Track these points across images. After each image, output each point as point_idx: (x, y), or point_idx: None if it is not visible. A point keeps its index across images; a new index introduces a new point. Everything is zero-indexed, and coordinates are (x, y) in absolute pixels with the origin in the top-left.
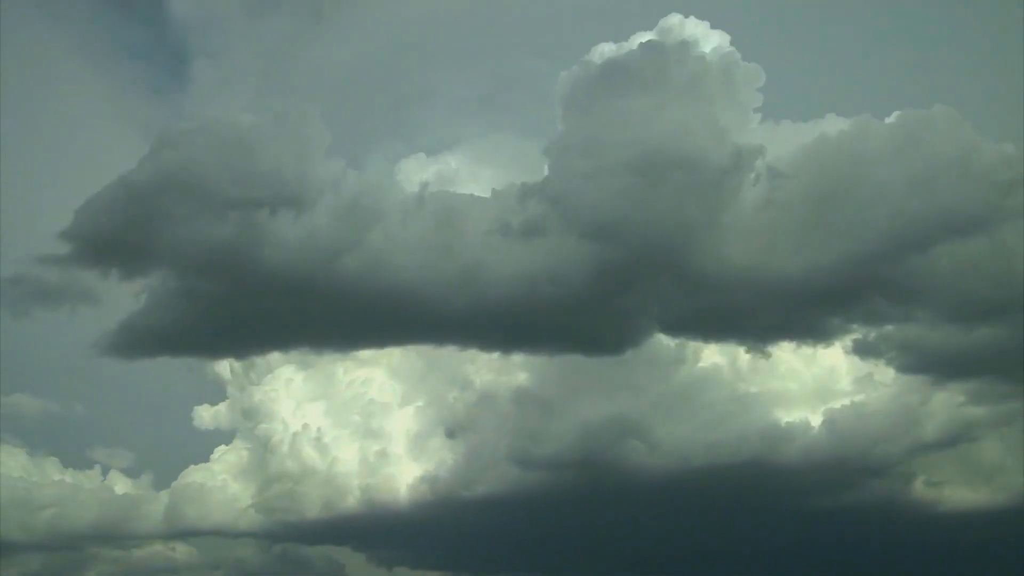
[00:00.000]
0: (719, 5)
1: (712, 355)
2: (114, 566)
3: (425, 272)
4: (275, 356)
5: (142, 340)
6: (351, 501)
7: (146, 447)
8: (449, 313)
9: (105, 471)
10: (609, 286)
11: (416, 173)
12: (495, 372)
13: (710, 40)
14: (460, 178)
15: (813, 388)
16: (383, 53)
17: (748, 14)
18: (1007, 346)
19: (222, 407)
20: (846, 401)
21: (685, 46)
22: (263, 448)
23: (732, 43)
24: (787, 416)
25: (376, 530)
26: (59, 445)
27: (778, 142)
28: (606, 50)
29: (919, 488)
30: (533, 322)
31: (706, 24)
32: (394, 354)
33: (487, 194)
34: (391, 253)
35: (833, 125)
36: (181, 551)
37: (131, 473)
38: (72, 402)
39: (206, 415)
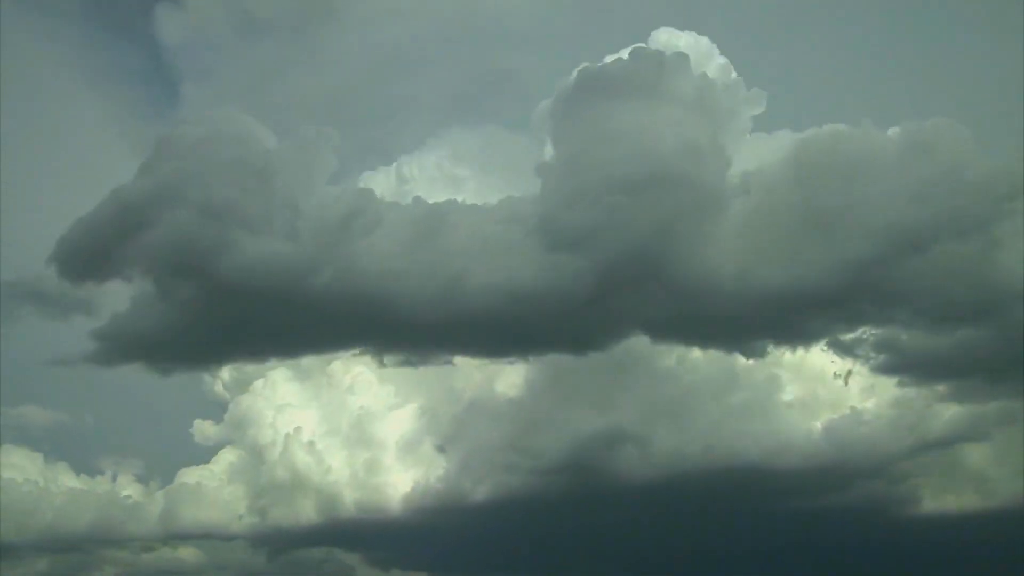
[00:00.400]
0: (713, 19)
1: (704, 361)
2: (121, 567)
3: (414, 281)
4: (268, 365)
5: (133, 350)
6: (345, 506)
7: (140, 456)
8: (440, 321)
9: (113, 477)
10: (600, 294)
11: (403, 184)
12: (488, 379)
13: (703, 54)
14: (447, 187)
15: (804, 393)
16: (366, 70)
17: (742, 25)
18: (997, 348)
19: (219, 418)
20: (836, 405)
21: (676, 59)
22: (257, 455)
23: (721, 52)
24: (779, 421)
25: (370, 534)
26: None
27: (768, 151)
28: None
29: (913, 491)
30: (523, 331)
31: (705, 40)
32: (385, 362)
33: (473, 201)
34: (382, 261)
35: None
36: (187, 553)
37: (139, 480)
38: (70, 411)
39: (207, 430)
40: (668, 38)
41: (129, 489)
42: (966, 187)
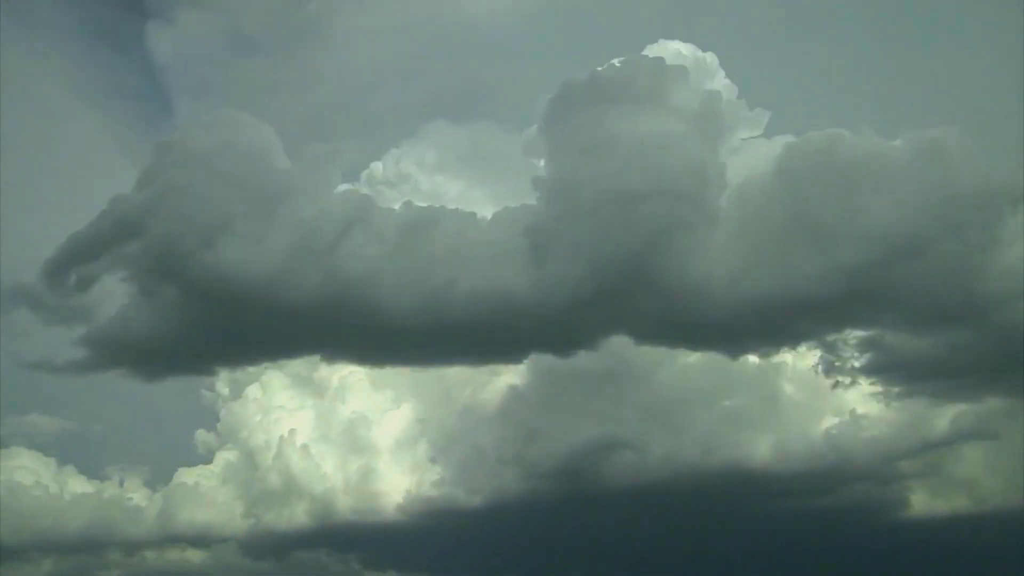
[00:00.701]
0: (713, 29)
1: (700, 366)
2: (125, 569)
3: (404, 287)
4: (262, 370)
5: (126, 357)
6: (340, 510)
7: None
8: (433, 326)
9: (120, 482)
10: (596, 301)
11: (395, 194)
12: (482, 384)
13: (699, 63)
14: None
15: (798, 397)
16: (356, 84)
17: (740, 34)
18: (991, 350)
19: (218, 425)
20: (830, 409)
21: (666, 67)
22: (253, 460)
23: (720, 63)
24: (774, 425)
25: (366, 537)
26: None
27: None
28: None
29: (908, 493)
30: (516, 336)
31: (710, 56)
32: (378, 368)
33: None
34: (373, 267)
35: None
36: (191, 555)
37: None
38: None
39: (210, 441)
40: (666, 49)
41: (136, 493)
42: (962, 194)
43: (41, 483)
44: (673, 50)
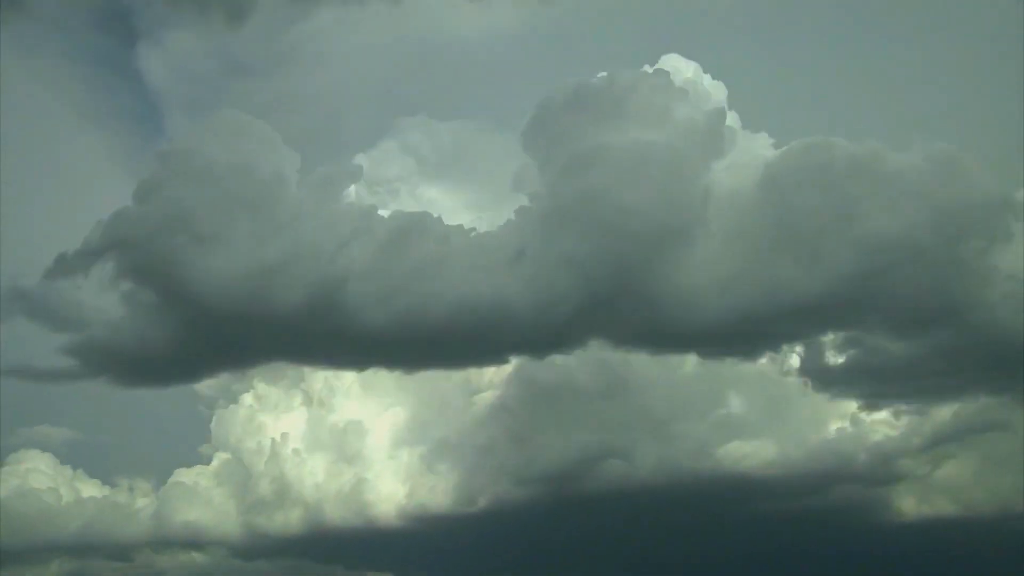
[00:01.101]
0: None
1: (696, 372)
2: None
3: (391, 293)
4: (254, 377)
5: (124, 366)
6: (336, 514)
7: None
8: (418, 333)
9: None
10: (590, 308)
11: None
12: (473, 390)
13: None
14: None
15: (788, 401)
16: (344, 103)
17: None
18: (984, 353)
19: (216, 431)
20: (823, 413)
21: (658, 77)
22: (244, 467)
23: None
24: (768, 429)
25: (356, 541)
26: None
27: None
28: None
29: (902, 496)
30: (502, 343)
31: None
32: (372, 375)
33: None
34: (362, 273)
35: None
36: (191, 557)
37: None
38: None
39: (208, 450)
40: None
41: (145, 499)
42: (958, 202)
43: (56, 488)
44: (671, 66)
